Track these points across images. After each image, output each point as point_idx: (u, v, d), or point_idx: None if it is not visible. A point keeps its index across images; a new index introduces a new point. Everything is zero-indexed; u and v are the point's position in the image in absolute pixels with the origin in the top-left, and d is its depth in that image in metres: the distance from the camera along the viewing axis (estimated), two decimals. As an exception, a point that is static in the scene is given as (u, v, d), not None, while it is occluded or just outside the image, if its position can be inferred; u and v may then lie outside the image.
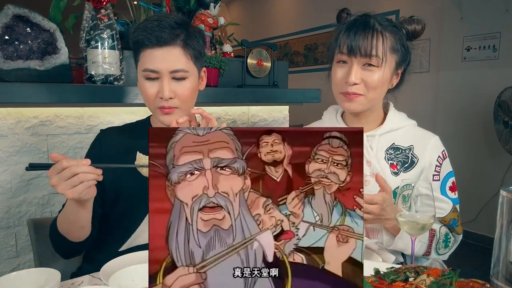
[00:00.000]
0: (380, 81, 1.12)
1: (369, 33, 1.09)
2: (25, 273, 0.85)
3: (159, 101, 1.11)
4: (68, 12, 1.58)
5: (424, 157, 1.20)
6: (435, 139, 1.23)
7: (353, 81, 1.10)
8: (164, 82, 1.09)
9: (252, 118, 2.10)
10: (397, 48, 1.13)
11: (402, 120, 1.26)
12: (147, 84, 1.12)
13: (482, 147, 3.73)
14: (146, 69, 1.10)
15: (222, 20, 1.96)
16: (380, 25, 1.12)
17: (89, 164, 0.91)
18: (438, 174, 1.20)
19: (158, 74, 1.10)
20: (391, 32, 1.13)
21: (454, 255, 1.24)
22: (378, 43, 1.09)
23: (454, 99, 3.90)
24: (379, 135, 1.22)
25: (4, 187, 1.51)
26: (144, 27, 1.10)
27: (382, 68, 1.11)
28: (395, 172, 1.19)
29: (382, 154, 1.21)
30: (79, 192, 0.90)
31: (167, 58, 1.09)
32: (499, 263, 0.84)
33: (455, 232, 1.22)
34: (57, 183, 0.89)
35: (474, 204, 3.68)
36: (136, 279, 0.81)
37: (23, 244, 1.57)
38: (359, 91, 1.12)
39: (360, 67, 1.11)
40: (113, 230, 1.20)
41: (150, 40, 1.08)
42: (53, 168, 0.90)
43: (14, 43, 1.42)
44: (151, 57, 1.09)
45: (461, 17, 3.78)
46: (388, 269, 0.78)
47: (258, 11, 6.76)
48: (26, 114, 1.53)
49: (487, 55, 3.63)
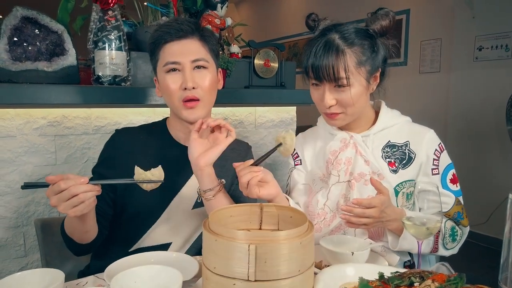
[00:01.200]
0: (354, 97, 1.12)
1: (331, 56, 1.08)
2: (30, 274, 0.85)
3: (182, 93, 1.12)
4: (75, 14, 1.59)
5: (421, 152, 1.19)
6: (431, 132, 1.22)
7: (328, 104, 1.13)
8: (186, 72, 1.12)
9: (259, 119, 2.10)
10: (365, 58, 1.11)
11: (395, 117, 1.25)
12: (169, 77, 1.13)
13: (494, 148, 3.67)
14: (167, 62, 1.12)
15: (230, 21, 1.96)
16: (344, 40, 1.10)
17: (87, 182, 0.90)
18: (437, 167, 1.19)
19: (179, 66, 1.12)
20: (356, 44, 1.10)
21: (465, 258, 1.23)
22: (340, 65, 1.08)
23: (466, 100, 3.85)
24: (373, 134, 1.22)
25: (13, 187, 1.53)
26: (162, 26, 1.14)
27: (352, 85, 1.10)
28: (393, 170, 1.18)
29: (378, 153, 1.21)
30: (81, 210, 0.90)
31: (188, 49, 1.13)
32: (507, 268, 0.81)
33: (462, 224, 1.21)
34: (57, 204, 0.88)
35: (485, 206, 3.62)
36: (139, 281, 0.81)
37: (31, 244, 1.59)
38: (337, 110, 1.14)
39: (332, 88, 1.12)
40: (123, 231, 1.21)
41: (170, 34, 1.12)
42: (51, 189, 0.88)
43: (22, 44, 1.43)
44: (171, 50, 1.13)
45: (473, 16, 3.72)
46: (393, 274, 0.76)
47: (267, 11, 6.75)
48: (35, 115, 1.55)
49: (499, 55, 3.57)
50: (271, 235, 0.74)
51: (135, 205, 1.19)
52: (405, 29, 4.37)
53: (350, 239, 1.10)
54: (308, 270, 0.76)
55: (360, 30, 1.14)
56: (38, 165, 1.57)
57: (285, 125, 2.17)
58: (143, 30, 1.74)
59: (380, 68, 1.18)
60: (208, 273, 0.75)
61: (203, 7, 1.92)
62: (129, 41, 1.80)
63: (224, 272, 0.72)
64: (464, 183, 4.26)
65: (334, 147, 1.23)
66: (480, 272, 3.03)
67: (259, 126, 2.10)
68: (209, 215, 0.82)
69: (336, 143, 1.23)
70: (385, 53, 1.18)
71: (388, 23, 1.15)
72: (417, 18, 4.28)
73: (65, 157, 1.62)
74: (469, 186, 3.89)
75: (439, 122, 4.02)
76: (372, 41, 1.14)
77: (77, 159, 1.64)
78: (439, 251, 1.17)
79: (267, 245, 0.71)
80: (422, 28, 4.23)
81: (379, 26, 1.15)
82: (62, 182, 0.87)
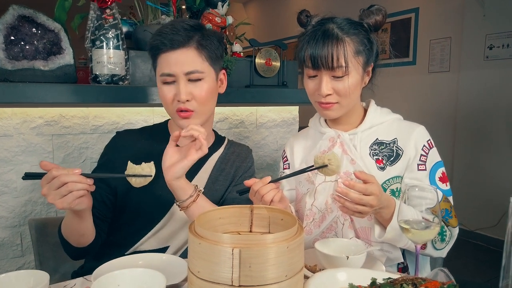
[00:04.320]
0: (351, 87, 1.12)
1: (330, 43, 1.09)
2: (14, 275, 0.84)
3: (177, 104, 1.11)
4: (73, 12, 1.58)
5: (409, 148, 1.16)
6: (420, 128, 1.19)
7: (325, 93, 1.12)
8: (181, 84, 1.10)
9: (261, 119, 2.07)
10: (361, 48, 1.12)
11: (384, 115, 1.23)
12: (165, 88, 1.12)
13: (505, 149, 3.58)
14: (163, 73, 1.11)
15: (230, 19, 1.93)
16: (341, 30, 1.11)
17: (80, 174, 0.89)
18: (424, 163, 1.15)
19: (174, 78, 1.10)
20: (353, 34, 1.11)
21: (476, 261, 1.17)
22: (339, 53, 1.08)
23: (476, 99, 3.77)
24: (361, 131, 1.20)
25: (10, 187, 1.52)
26: (159, 32, 1.11)
27: (350, 74, 1.11)
28: (381, 167, 1.17)
29: (366, 150, 1.19)
30: (69, 203, 0.88)
31: (182, 60, 1.09)
32: (508, 276, 0.77)
33: (450, 225, 1.16)
34: (47, 192, 0.87)
35: (496, 208, 3.54)
36: (122, 284, 0.79)
37: (28, 244, 1.58)
38: (333, 100, 1.13)
39: (329, 78, 1.12)
40: (121, 234, 1.20)
41: (165, 44, 1.09)
42: (45, 177, 0.88)
43: (19, 43, 1.43)
44: (166, 61, 1.10)
45: (483, 15, 3.64)
46: (385, 280, 0.73)
47: (275, 11, 6.73)
48: (32, 114, 1.54)
49: (510, 54, 3.49)
50: (256, 238, 0.71)
51: (135, 209, 1.17)
52: (414, 27, 4.31)
53: (347, 243, 1.06)
54: (297, 275, 0.73)
55: (355, 22, 1.15)
56: (35, 164, 1.56)
57: (287, 125, 2.14)
58: (143, 29, 1.73)
59: (372, 63, 1.18)
60: (192, 277, 0.72)
61: (203, 6, 1.90)
62: (129, 40, 1.79)
63: (208, 276, 0.69)
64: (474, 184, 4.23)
65: (323, 147, 1.23)
66: (489, 276, 2.96)
67: (260, 126, 2.07)
68: (196, 218, 0.79)
69: (325, 142, 1.23)
70: (377, 48, 1.18)
71: (381, 18, 1.17)
72: (426, 17, 4.21)
73: (63, 157, 1.61)
74: (479, 187, 3.83)
75: (449, 122, 3.95)
76: (366, 33, 1.14)
77: (74, 158, 1.63)
78: (427, 249, 1.12)
79: (251, 249, 0.68)
80: (431, 26, 4.16)
81: (374, 20, 1.16)
82: (54, 169, 0.87)
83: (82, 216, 0.99)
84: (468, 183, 3.78)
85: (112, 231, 1.20)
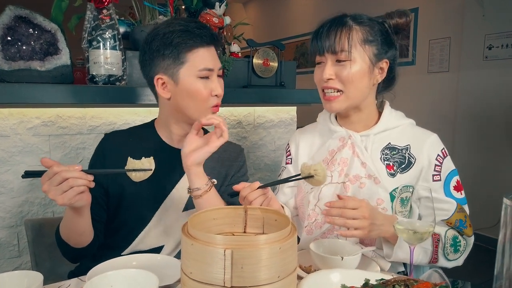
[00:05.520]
0: (355, 74, 1.10)
1: (336, 29, 1.10)
2: (7, 276, 0.84)
3: (213, 99, 1.14)
4: (70, 13, 1.58)
5: (422, 157, 1.14)
6: (433, 137, 1.17)
7: (327, 77, 1.12)
8: (216, 79, 1.14)
9: (258, 119, 2.07)
10: (373, 39, 1.12)
11: (398, 119, 1.21)
12: (202, 83, 1.12)
13: (505, 149, 3.57)
14: (204, 68, 1.11)
15: (228, 20, 1.93)
16: (353, 19, 1.12)
17: (80, 170, 0.90)
18: (439, 173, 1.13)
19: (211, 73, 1.13)
20: (366, 25, 1.12)
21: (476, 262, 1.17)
22: (344, 37, 1.10)
23: (475, 99, 3.76)
24: (373, 134, 1.18)
25: (6, 187, 1.53)
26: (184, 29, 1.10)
27: (354, 61, 1.10)
28: (391, 173, 1.14)
29: (377, 154, 1.16)
30: (69, 198, 0.89)
31: (215, 56, 1.15)
32: (502, 276, 0.77)
33: (465, 234, 1.14)
34: (48, 189, 0.88)
35: (495, 208, 3.53)
36: (115, 284, 0.79)
37: (25, 244, 1.58)
38: (335, 85, 1.12)
39: (333, 64, 1.12)
40: (116, 235, 1.20)
41: (203, 39, 1.11)
42: (46, 174, 0.89)
43: (15, 44, 1.43)
44: (204, 56, 1.12)
45: (483, 15, 3.64)
46: (378, 281, 0.73)
47: (275, 11, 6.72)
48: (28, 115, 1.54)
49: (510, 54, 3.48)
50: (248, 239, 0.71)
51: (127, 208, 1.18)
52: (414, 27, 4.30)
53: (342, 243, 1.06)
54: (289, 276, 0.73)
55: (374, 19, 1.16)
56: (32, 165, 1.56)
57: (285, 125, 2.14)
58: (140, 29, 1.73)
59: (388, 61, 1.16)
60: (185, 278, 0.72)
61: (201, 6, 1.90)
62: (126, 40, 1.79)
63: (200, 277, 0.69)
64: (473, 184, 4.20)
65: (332, 146, 1.20)
66: (488, 276, 2.94)
67: (258, 126, 2.07)
68: (189, 218, 0.79)
69: (335, 142, 1.20)
70: (396, 48, 1.18)
71: (404, 21, 1.17)
72: (425, 17, 4.20)
73: (60, 157, 1.61)
74: (478, 187, 3.82)
75: (448, 123, 3.94)
76: (383, 29, 1.15)
77: (72, 159, 1.63)
78: (439, 262, 1.10)
79: (244, 250, 0.68)
80: (430, 26, 4.15)
81: (395, 21, 1.17)
82: (56, 165, 0.89)
83: (81, 213, 0.99)
84: (467, 183, 3.77)
85: (107, 233, 1.20)
